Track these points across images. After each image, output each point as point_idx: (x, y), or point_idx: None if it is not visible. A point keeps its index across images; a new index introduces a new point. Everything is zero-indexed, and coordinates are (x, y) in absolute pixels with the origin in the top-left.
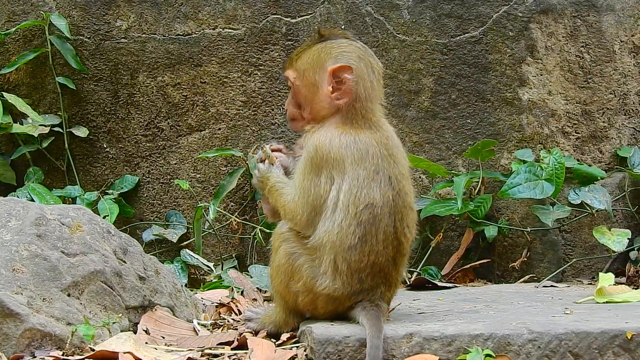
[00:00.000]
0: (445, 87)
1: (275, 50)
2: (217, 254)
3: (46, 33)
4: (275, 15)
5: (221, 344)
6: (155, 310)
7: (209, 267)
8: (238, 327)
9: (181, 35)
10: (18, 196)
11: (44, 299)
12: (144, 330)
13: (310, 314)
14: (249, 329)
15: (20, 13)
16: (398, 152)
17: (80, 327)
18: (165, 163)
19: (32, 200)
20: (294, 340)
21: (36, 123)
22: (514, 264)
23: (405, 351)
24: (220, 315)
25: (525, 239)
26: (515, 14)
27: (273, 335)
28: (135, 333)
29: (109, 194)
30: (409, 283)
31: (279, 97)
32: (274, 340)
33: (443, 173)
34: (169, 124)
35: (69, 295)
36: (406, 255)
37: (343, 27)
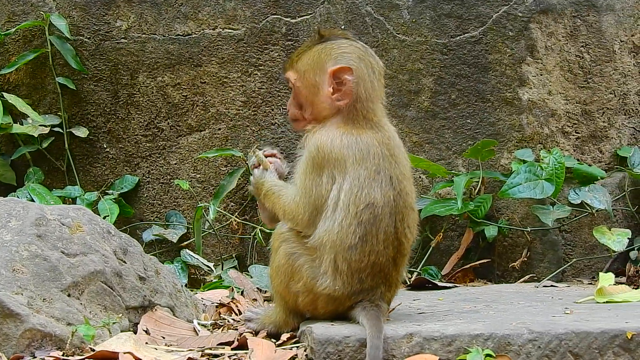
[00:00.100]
0: (445, 87)
1: (275, 51)
2: (217, 254)
3: (46, 33)
4: (275, 16)
5: (221, 344)
6: (156, 310)
7: (209, 267)
8: (238, 327)
9: (181, 35)
10: (18, 196)
11: (44, 299)
12: (144, 331)
13: (311, 314)
14: (249, 329)
15: (20, 13)
16: (399, 152)
17: (80, 328)
18: (165, 163)
19: (32, 200)
20: (294, 340)
21: (36, 123)
22: (514, 263)
23: (406, 351)
24: (221, 315)
25: (525, 238)
26: (515, 14)
27: (273, 336)
28: (135, 333)
29: (109, 194)
30: (409, 283)
31: (279, 97)
32: (274, 340)
33: (443, 173)
34: (169, 124)
35: (69, 295)
36: (406, 256)
37: (343, 27)
